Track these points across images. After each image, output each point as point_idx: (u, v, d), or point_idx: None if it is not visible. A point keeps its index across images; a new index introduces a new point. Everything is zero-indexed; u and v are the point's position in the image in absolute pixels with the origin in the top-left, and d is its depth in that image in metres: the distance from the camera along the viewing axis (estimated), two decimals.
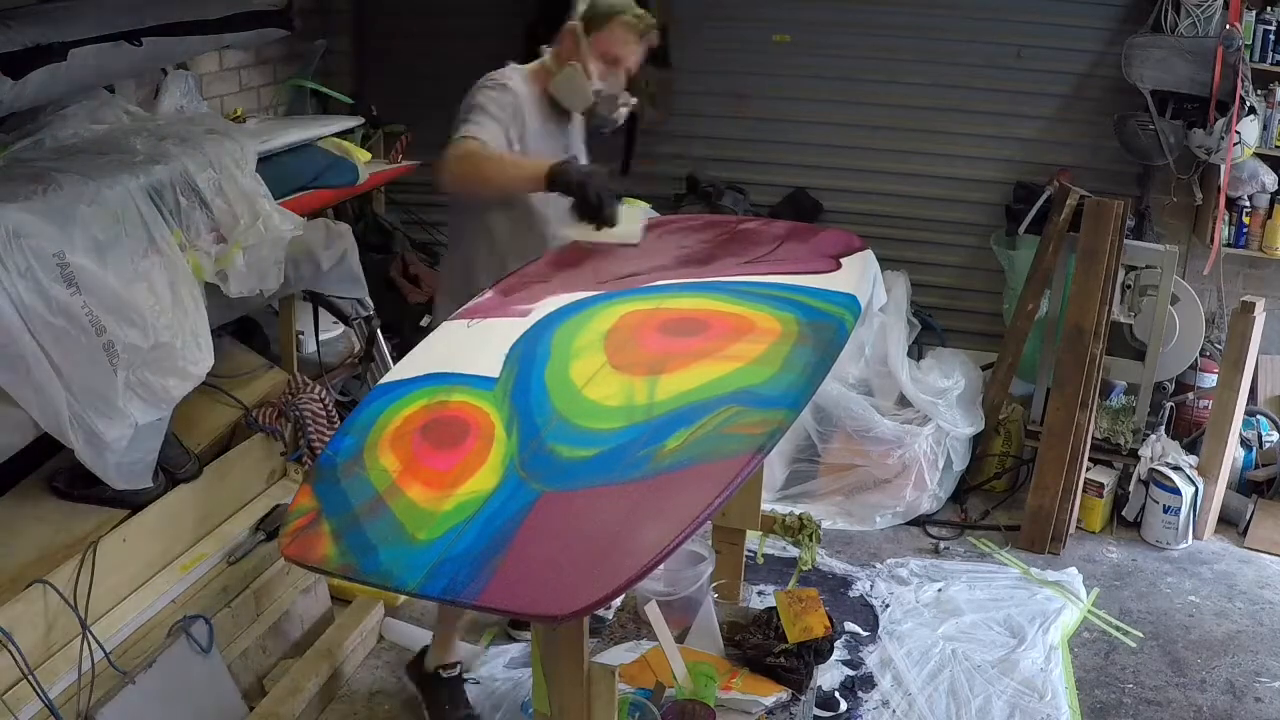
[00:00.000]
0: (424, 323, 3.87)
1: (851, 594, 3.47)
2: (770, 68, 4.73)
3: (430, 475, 1.58)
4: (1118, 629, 3.33)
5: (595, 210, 2.39)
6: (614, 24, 2.58)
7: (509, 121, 2.53)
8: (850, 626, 3.27)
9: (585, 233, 2.44)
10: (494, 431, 1.66)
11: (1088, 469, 3.91)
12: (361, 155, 3.92)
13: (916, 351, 4.33)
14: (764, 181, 4.79)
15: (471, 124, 2.48)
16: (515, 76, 2.62)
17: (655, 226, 2.68)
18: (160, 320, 2.60)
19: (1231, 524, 3.96)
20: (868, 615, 3.35)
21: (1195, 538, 3.86)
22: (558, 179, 2.40)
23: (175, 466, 2.87)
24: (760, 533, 2.63)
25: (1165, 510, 3.80)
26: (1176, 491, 3.76)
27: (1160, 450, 3.90)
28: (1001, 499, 4.10)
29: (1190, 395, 4.20)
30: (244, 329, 3.65)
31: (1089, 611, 3.41)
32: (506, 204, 2.60)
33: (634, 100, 2.77)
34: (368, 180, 3.88)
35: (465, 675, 2.81)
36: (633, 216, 2.55)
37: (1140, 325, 4.04)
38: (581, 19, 2.61)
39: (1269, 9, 3.91)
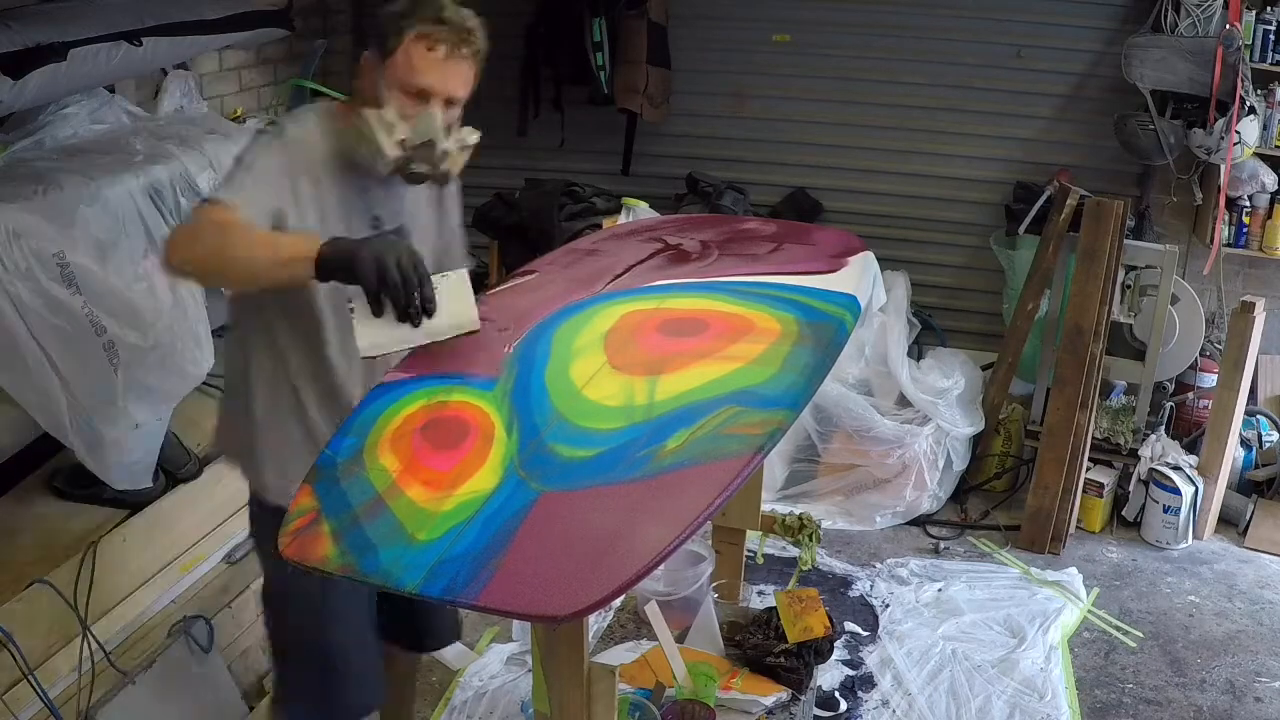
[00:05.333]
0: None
1: (851, 594, 3.47)
2: (770, 68, 4.73)
3: (430, 475, 1.58)
4: (1118, 629, 3.33)
5: (401, 299, 1.67)
6: (408, 41, 1.85)
7: (285, 188, 1.84)
8: (850, 626, 3.27)
9: (392, 334, 1.70)
10: (494, 431, 1.66)
11: (1088, 469, 3.91)
12: None
13: (916, 351, 4.33)
14: (764, 181, 4.79)
15: (227, 185, 1.82)
16: (309, 122, 1.93)
17: (656, 226, 2.67)
18: (160, 320, 2.60)
19: (1231, 524, 3.96)
20: (868, 615, 3.35)
21: (1195, 538, 3.86)
22: (331, 263, 1.66)
23: (175, 466, 2.87)
24: (760, 533, 2.63)
25: (1165, 510, 3.80)
26: (1176, 491, 3.76)
27: (1160, 450, 3.90)
28: (1001, 499, 4.10)
29: (1190, 395, 4.20)
30: None
31: (1089, 611, 3.41)
32: (282, 303, 1.92)
33: (474, 137, 1.96)
34: None
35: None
36: (457, 291, 1.76)
37: (1140, 325, 4.04)
38: (374, 41, 1.91)
39: (1269, 9, 3.91)
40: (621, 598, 2.32)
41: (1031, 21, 4.43)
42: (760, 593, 3.35)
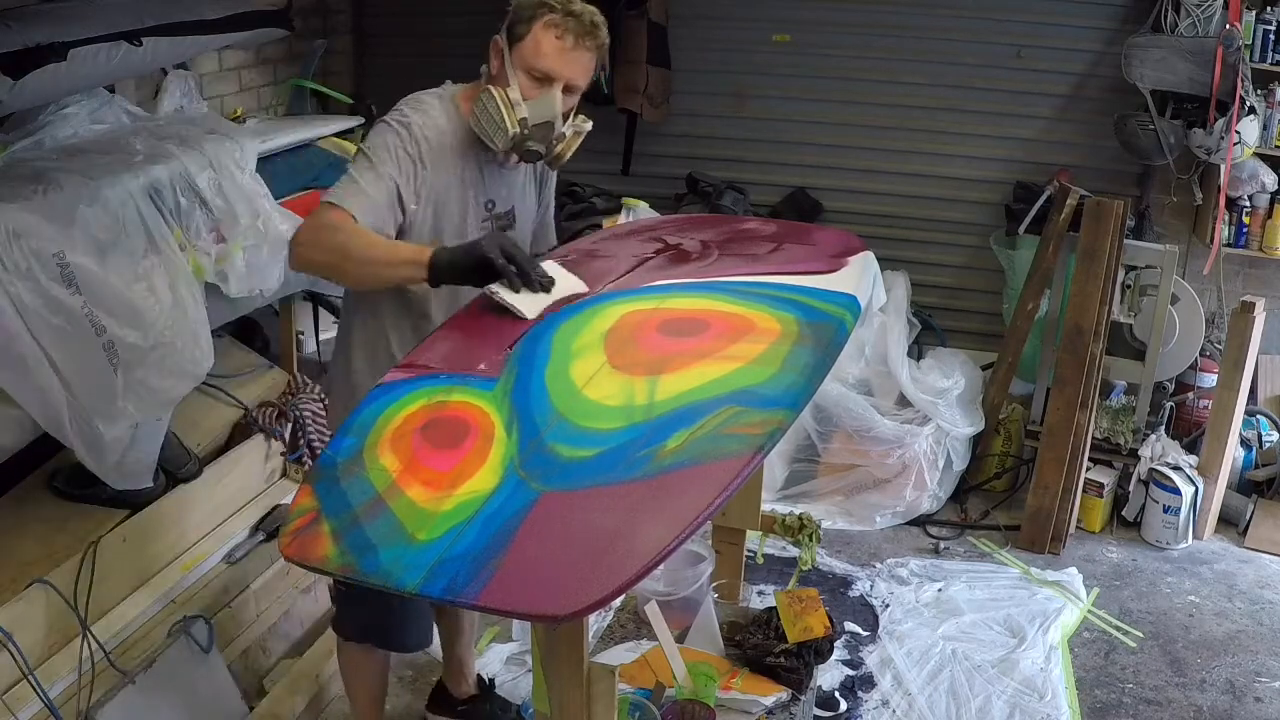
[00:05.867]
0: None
1: (851, 594, 3.47)
2: (770, 68, 4.73)
3: (430, 475, 1.58)
4: (1118, 629, 3.33)
5: (529, 279, 1.94)
6: (537, 28, 2.02)
7: (410, 174, 2.03)
8: (850, 626, 3.27)
9: (536, 301, 1.96)
10: (494, 431, 1.66)
11: (1088, 469, 3.91)
12: None
13: (916, 351, 4.33)
14: (764, 181, 4.79)
15: (348, 183, 1.98)
16: (436, 107, 2.09)
17: (656, 226, 2.67)
18: (160, 320, 2.60)
19: (1231, 524, 3.96)
20: (868, 615, 3.35)
21: (1195, 538, 3.86)
22: (444, 270, 1.91)
23: (175, 466, 2.87)
24: (760, 533, 2.63)
25: (1165, 510, 3.80)
26: (1176, 491, 3.76)
27: (1160, 450, 3.90)
28: (1001, 499, 4.10)
29: (1190, 395, 4.20)
30: (244, 329, 3.65)
31: (1089, 611, 3.41)
32: (400, 297, 2.13)
33: (588, 125, 2.16)
34: None
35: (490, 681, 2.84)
36: (555, 268, 2.05)
37: (1140, 325, 4.04)
38: (505, 28, 2.08)
39: (1269, 9, 3.91)
40: (621, 598, 2.31)
41: (1031, 21, 4.43)
42: (760, 593, 3.35)
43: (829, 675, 3.00)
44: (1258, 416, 4.15)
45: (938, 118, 4.61)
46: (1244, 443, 4.10)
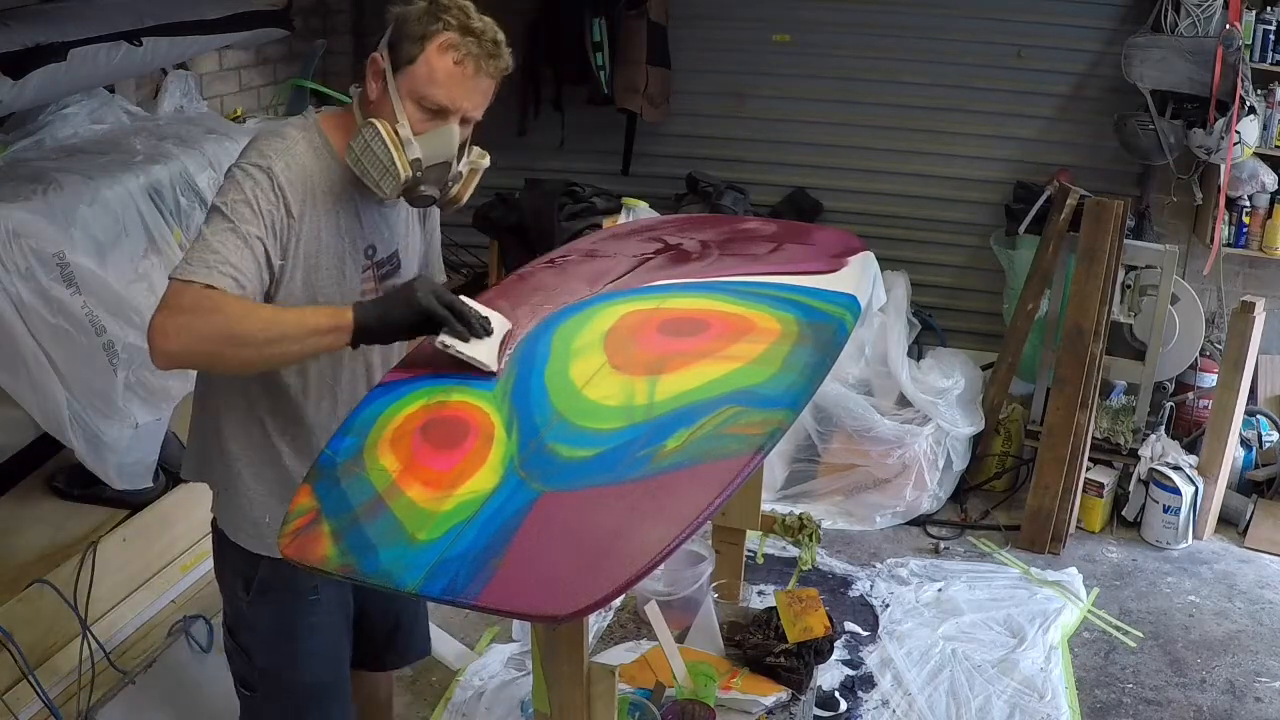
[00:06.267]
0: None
1: (851, 594, 3.47)
2: (770, 68, 4.73)
3: (430, 475, 1.58)
4: (1118, 629, 3.33)
5: (471, 322, 1.72)
6: (431, 50, 1.69)
7: (276, 229, 1.70)
8: (850, 626, 3.27)
9: (484, 347, 1.78)
10: (494, 431, 1.66)
11: (1088, 469, 3.91)
12: None
13: (916, 351, 4.33)
14: (764, 181, 4.79)
15: (204, 251, 1.62)
16: (300, 143, 1.75)
17: (656, 226, 2.67)
18: None
19: (1231, 524, 3.96)
20: (868, 615, 3.35)
21: (1195, 538, 3.86)
22: (372, 330, 1.66)
23: (175, 466, 2.87)
24: (760, 533, 2.63)
25: (1165, 510, 3.80)
26: (1176, 491, 3.76)
27: (1160, 450, 3.90)
28: (1001, 499, 4.10)
29: (1190, 395, 4.20)
30: None
31: (1089, 611, 3.41)
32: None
33: (485, 161, 1.88)
34: None
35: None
36: (482, 309, 1.82)
37: (1140, 325, 4.04)
38: (388, 46, 1.74)
39: (1269, 9, 3.91)
40: (621, 598, 2.32)
41: (1031, 21, 4.43)
42: (760, 593, 3.35)
43: (829, 675, 3.00)
44: (1258, 416, 4.15)
45: (938, 118, 4.61)
46: (1244, 443, 4.10)
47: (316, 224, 1.76)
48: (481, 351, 1.74)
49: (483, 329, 1.74)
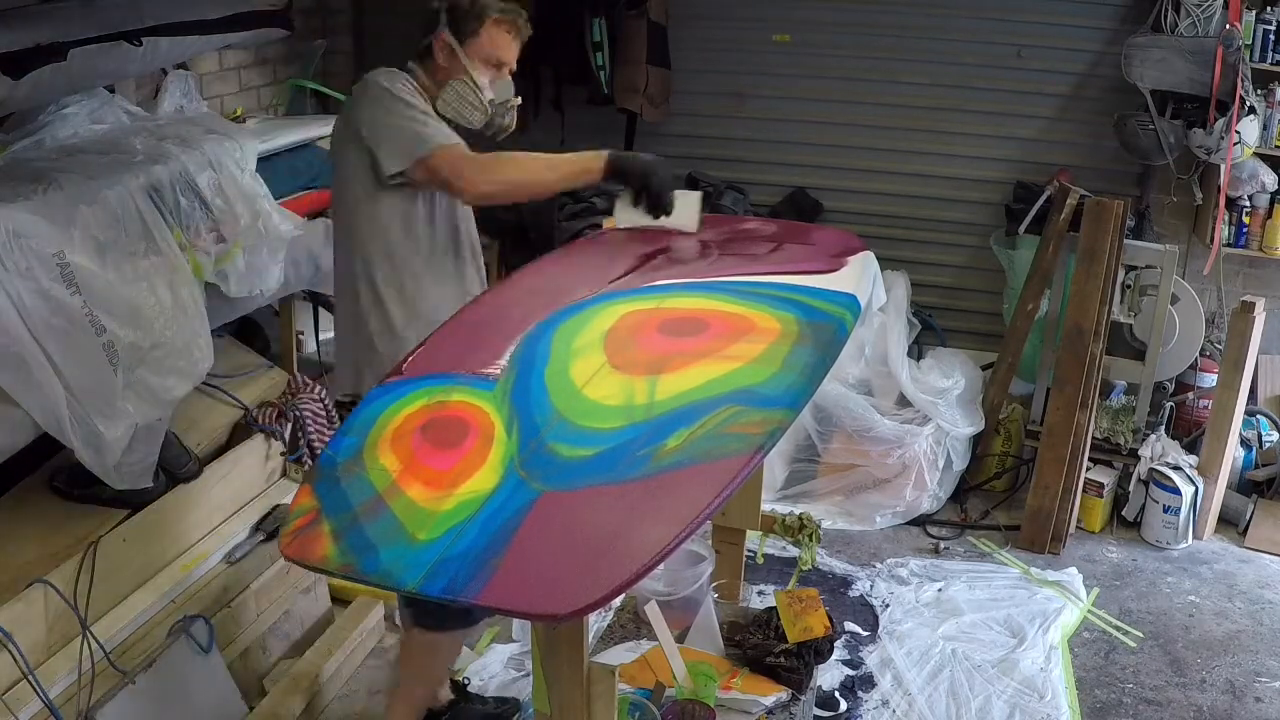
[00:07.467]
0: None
1: (851, 594, 3.47)
2: (770, 68, 4.73)
3: (430, 475, 1.58)
4: (1118, 629, 3.33)
5: (658, 200, 2.37)
6: (488, 26, 2.40)
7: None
8: (850, 626, 3.27)
9: (640, 219, 2.41)
10: (494, 431, 1.66)
11: (1088, 469, 3.91)
12: None
13: (916, 351, 4.33)
14: (764, 181, 4.79)
15: (430, 124, 2.29)
16: (411, 89, 2.39)
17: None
18: (160, 320, 2.60)
19: (1231, 524, 3.96)
20: (868, 615, 3.35)
21: (1195, 538, 3.86)
22: (620, 168, 2.34)
23: (175, 466, 2.87)
24: (760, 533, 2.63)
25: (1165, 510, 3.80)
26: (1176, 491, 3.76)
27: (1160, 450, 3.90)
28: (1001, 499, 4.10)
29: (1190, 395, 4.20)
30: (244, 329, 3.65)
31: (1089, 611, 3.41)
32: (407, 224, 2.37)
33: (518, 100, 2.59)
34: None
35: (465, 684, 2.80)
36: (688, 202, 2.48)
37: (1140, 325, 4.04)
38: (449, 28, 2.41)
39: (1269, 9, 3.91)
40: (621, 597, 2.32)
41: (1031, 21, 4.43)
42: (760, 593, 3.35)
43: (829, 675, 3.00)
44: (1258, 416, 4.15)
45: (938, 118, 4.61)
46: (1244, 443, 4.09)
47: None
48: (624, 215, 2.44)
49: (658, 208, 2.39)
